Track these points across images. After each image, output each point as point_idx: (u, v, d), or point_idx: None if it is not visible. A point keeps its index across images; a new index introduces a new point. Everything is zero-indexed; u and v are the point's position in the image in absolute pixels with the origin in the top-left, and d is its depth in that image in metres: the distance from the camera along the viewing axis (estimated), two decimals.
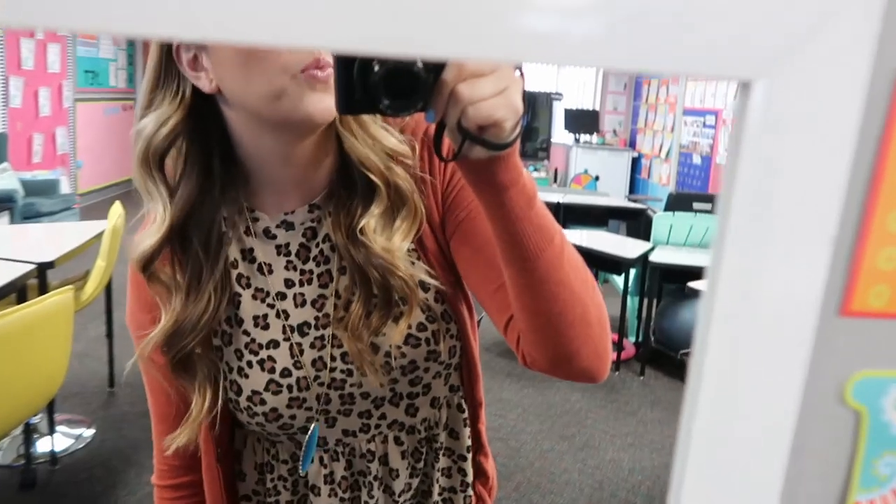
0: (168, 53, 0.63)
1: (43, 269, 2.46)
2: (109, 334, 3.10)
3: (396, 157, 0.67)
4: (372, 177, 0.65)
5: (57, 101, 7.10)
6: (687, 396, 0.32)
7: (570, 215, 5.26)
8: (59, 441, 2.58)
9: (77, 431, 2.68)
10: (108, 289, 3.02)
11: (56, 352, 1.93)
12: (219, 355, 0.74)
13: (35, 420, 2.62)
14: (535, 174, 8.33)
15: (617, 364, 3.95)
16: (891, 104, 0.29)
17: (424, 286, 0.71)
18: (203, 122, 0.65)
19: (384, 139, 0.66)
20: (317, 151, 0.66)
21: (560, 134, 8.86)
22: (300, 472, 0.77)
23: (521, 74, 0.52)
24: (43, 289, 2.29)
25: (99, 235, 2.86)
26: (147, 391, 0.81)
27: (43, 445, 2.47)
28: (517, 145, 0.53)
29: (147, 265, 0.67)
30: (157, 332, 0.70)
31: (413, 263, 0.70)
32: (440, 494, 0.84)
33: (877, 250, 0.31)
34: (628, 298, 4.08)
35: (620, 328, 4.02)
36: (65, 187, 6.72)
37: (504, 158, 0.52)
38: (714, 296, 0.30)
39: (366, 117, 0.65)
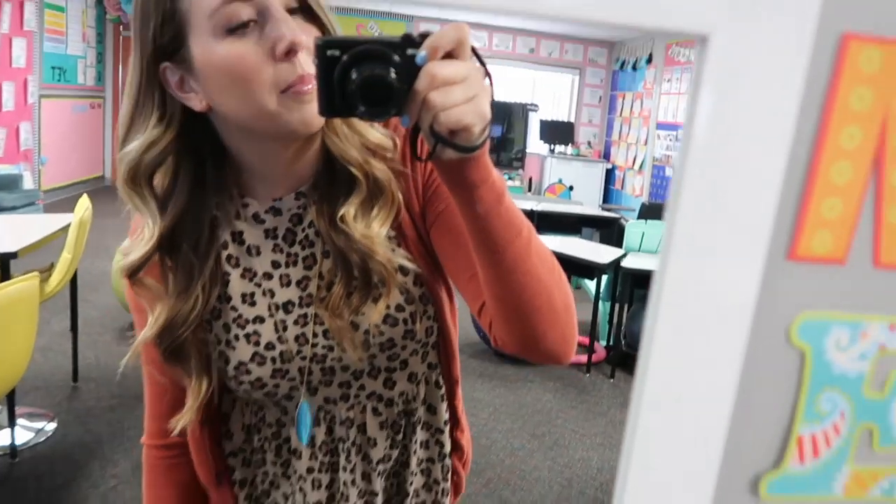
0: (148, 78, 0.65)
1: (5, 259, 2.41)
2: (74, 328, 3.04)
3: (377, 150, 0.71)
4: (352, 169, 0.69)
5: (21, 96, 6.95)
6: (644, 336, 0.35)
7: (545, 223, 5.32)
8: (19, 434, 2.52)
9: (38, 425, 2.63)
10: (74, 283, 2.97)
11: (19, 338, 1.90)
12: (208, 328, 0.77)
13: None
14: (510, 183, 8.41)
15: (588, 366, 4.00)
16: (835, 62, 0.32)
17: (403, 270, 0.75)
18: (194, 136, 0.68)
19: (367, 133, 0.70)
20: (303, 148, 0.70)
21: (535, 144, 8.96)
22: (302, 442, 0.80)
23: (490, 83, 0.55)
24: (5, 280, 2.24)
25: (65, 228, 2.82)
26: (142, 365, 0.83)
27: (2, 438, 2.42)
28: (486, 147, 0.56)
29: (133, 274, 0.70)
30: (149, 330, 0.72)
31: (393, 250, 0.74)
32: (419, 465, 0.88)
33: (821, 200, 0.34)
34: (600, 303, 4.15)
35: (592, 332, 4.07)
36: (28, 183, 6.57)
37: (474, 159, 0.56)
38: (671, 238, 0.33)
39: (349, 119, 0.69)
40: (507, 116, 8.59)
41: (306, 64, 0.62)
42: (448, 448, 0.90)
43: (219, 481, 0.84)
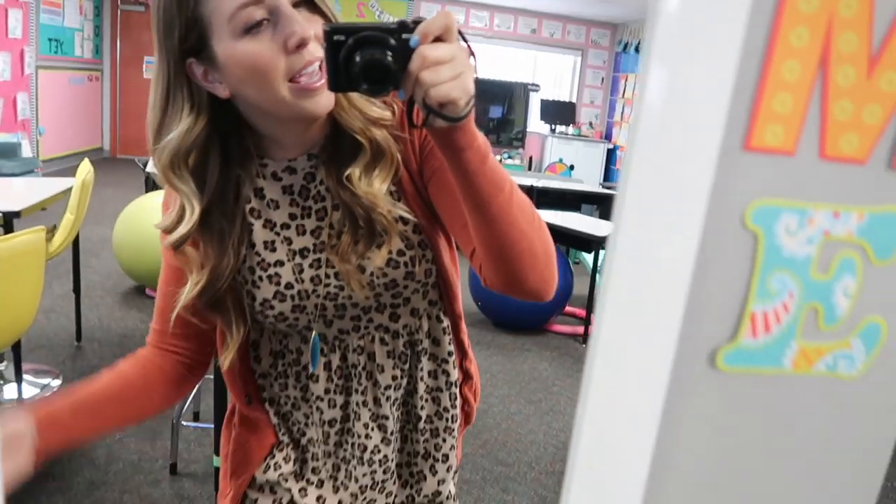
0: (176, 75, 0.74)
1: (9, 218, 2.44)
2: (77, 290, 3.10)
3: (378, 121, 0.81)
4: (356, 136, 0.79)
5: (18, 66, 6.92)
6: (612, 223, 0.39)
7: (544, 199, 5.35)
8: (26, 389, 2.59)
9: (44, 381, 2.69)
10: (76, 247, 3.01)
11: (26, 290, 1.94)
12: (236, 272, 0.87)
13: (0, 367, 2.62)
14: (510, 161, 8.42)
15: (584, 337, 4.07)
16: None
17: (403, 220, 0.85)
18: (220, 118, 0.78)
19: (367, 110, 0.80)
20: (313, 120, 0.80)
21: (536, 124, 8.94)
22: (311, 370, 0.91)
23: (475, 62, 0.64)
24: None
25: (66, 192, 2.85)
26: (159, 283, 0.92)
27: (9, 392, 2.47)
28: (472, 116, 0.66)
29: (178, 247, 0.80)
30: (192, 290, 0.82)
31: (394, 203, 0.84)
32: (428, 393, 0.98)
33: (773, 95, 0.38)
34: (597, 276, 4.20)
35: (589, 304, 4.13)
36: (27, 151, 6.58)
37: (461, 127, 0.65)
38: (636, 130, 0.37)
39: (351, 95, 0.79)
40: (508, 96, 8.56)
41: (315, 51, 0.71)
42: (454, 377, 0.99)
43: (248, 400, 0.95)
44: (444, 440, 1.02)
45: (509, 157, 8.56)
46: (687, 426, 0.42)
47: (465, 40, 0.64)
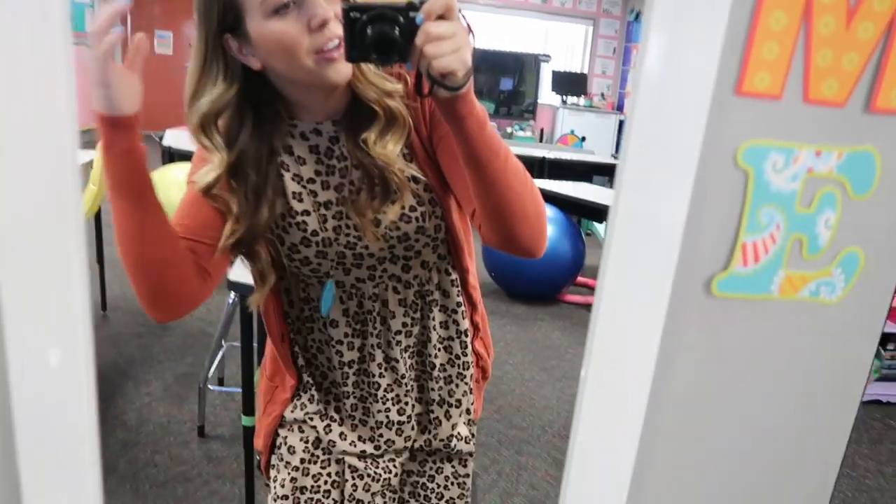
0: (213, 48, 0.83)
1: None
2: (100, 260, 3.18)
3: (392, 93, 0.89)
4: (373, 105, 0.88)
5: None
6: (617, 166, 0.43)
7: (555, 170, 5.35)
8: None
9: None
10: (98, 217, 3.09)
11: None
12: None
13: None
14: (521, 133, 8.38)
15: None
16: None
17: (415, 180, 0.92)
18: (253, 86, 0.86)
19: (382, 84, 0.88)
20: (335, 89, 0.88)
21: (547, 95, 8.87)
22: (322, 311, 1.00)
23: (473, 39, 0.72)
24: None
25: (87, 165, 2.92)
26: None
27: None
28: (471, 86, 0.73)
29: (207, 191, 0.87)
30: (228, 239, 0.89)
31: (407, 164, 0.92)
32: (440, 342, 1.05)
33: (762, 43, 0.42)
34: None
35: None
36: None
37: (461, 96, 0.72)
38: (639, 79, 0.41)
39: (367, 70, 0.87)
40: (519, 68, 8.48)
41: (335, 28, 0.79)
42: (464, 327, 1.06)
43: (283, 340, 1.05)
44: (458, 386, 1.08)
45: (520, 129, 8.54)
46: (685, 346, 0.48)
47: (465, 19, 0.72)
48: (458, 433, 1.10)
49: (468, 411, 1.11)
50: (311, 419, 1.07)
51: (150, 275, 0.83)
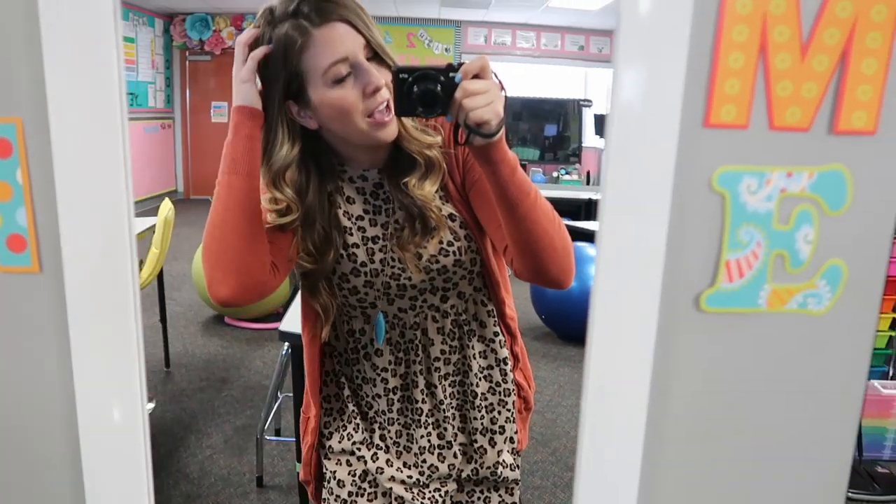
0: (279, 112, 0.93)
1: None
2: (163, 319, 3.34)
3: (431, 145, 0.99)
4: (414, 155, 0.98)
5: None
6: (600, 198, 0.48)
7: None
8: None
9: None
10: (160, 279, 3.26)
11: None
12: None
13: None
14: (567, 177, 8.43)
15: None
16: None
17: (452, 217, 1.03)
18: (310, 143, 0.98)
19: (422, 139, 0.99)
20: (380, 145, 0.99)
21: (591, 138, 8.91)
22: (377, 344, 1.09)
23: (505, 93, 0.82)
24: None
25: (149, 230, 3.11)
26: None
27: None
28: (503, 134, 0.83)
29: (282, 228, 0.97)
30: (300, 269, 1.02)
31: (444, 204, 1.02)
32: (480, 371, 1.12)
33: (724, 80, 0.47)
34: None
35: None
36: None
37: (494, 143, 0.82)
38: (611, 121, 0.47)
39: (409, 126, 0.98)
40: (562, 114, 8.57)
41: (384, 94, 0.91)
42: (502, 356, 1.13)
43: (327, 378, 1.13)
44: (500, 413, 1.14)
45: (566, 173, 8.59)
46: (680, 360, 0.51)
47: (498, 78, 0.83)
48: (504, 461, 1.14)
49: (512, 440, 1.15)
50: (359, 449, 1.12)
51: (238, 247, 0.91)
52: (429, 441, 1.12)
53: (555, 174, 8.51)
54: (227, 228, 0.91)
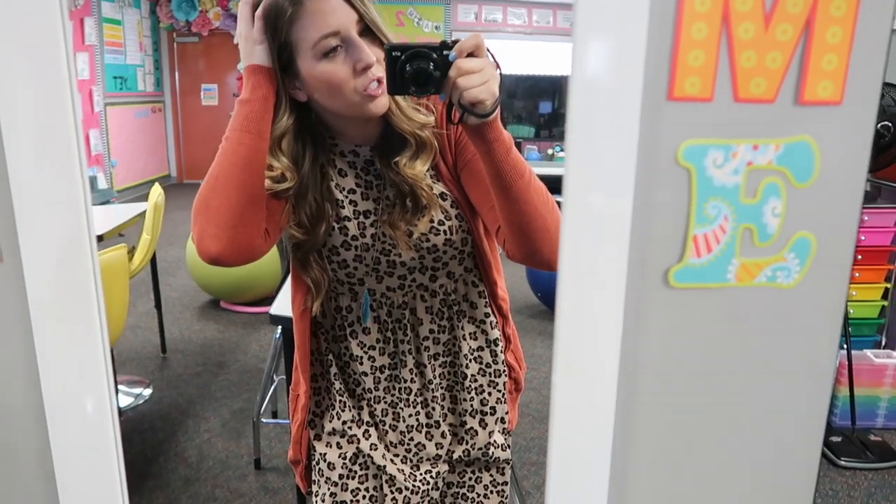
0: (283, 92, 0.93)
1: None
2: (158, 305, 3.34)
3: (423, 125, 0.98)
4: (405, 135, 0.97)
5: (88, 105, 7.40)
6: (564, 174, 0.48)
7: None
8: (121, 398, 2.83)
9: (136, 390, 2.93)
10: (154, 264, 3.25)
11: (113, 304, 2.15)
12: None
13: None
14: (563, 154, 8.37)
15: None
16: None
17: (443, 196, 1.02)
18: (303, 115, 0.98)
19: (415, 117, 0.98)
20: (370, 120, 0.98)
21: None
22: (363, 323, 1.09)
23: (500, 72, 0.81)
24: None
25: (141, 215, 3.09)
26: None
27: None
28: (498, 113, 0.81)
29: (276, 196, 0.97)
30: (291, 240, 1.02)
31: (435, 183, 1.02)
32: (471, 353, 1.12)
33: (686, 52, 0.46)
34: None
35: None
36: (102, 183, 7.06)
37: (489, 123, 0.82)
38: (572, 95, 0.46)
39: (402, 104, 0.97)
40: (557, 91, 8.52)
41: (376, 71, 0.89)
42: (493, 337, 1.12)
43: (315, 356, 1.13)
44: (490, 394, 1.14)
45: (562, 150, 8.56)
46: (650, 336, 0.51)
47: (493, 56, 0.81)
48: (495, 441, 1.15)
49: (503, 420, 1.16)
50: (350, 428, 1.13)
51: (238, 203, 0.90)
52: (417, 420, 1.12)
53: (550, 151, 8.48)
54: (231, 184, 0.89)
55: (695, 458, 0.53)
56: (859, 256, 2.79)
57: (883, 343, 2.98)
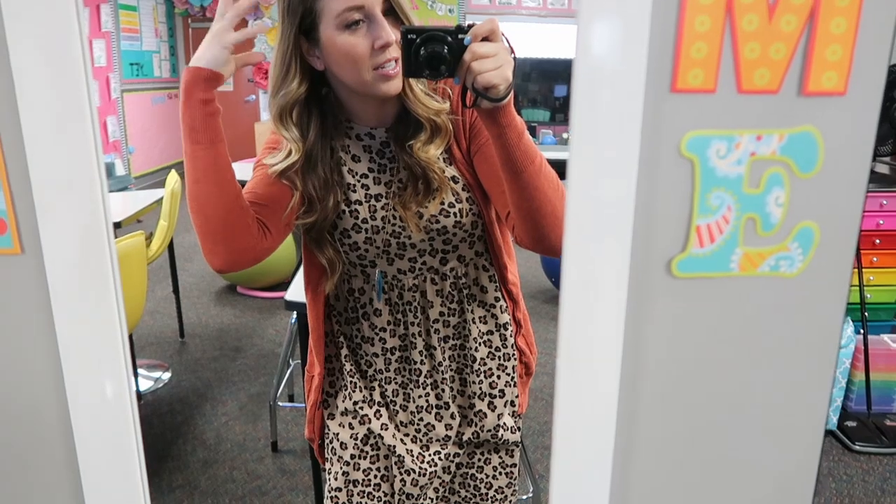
0: (294, 48, 0.93)
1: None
2: (176, 290, 3.39)
3: (438, 112, 0.99)
4: (420, 119, 0.98)
5: (105, 92, 7.46)
6: (568, 165, 0.48)
7: None
8: (141, 382, 2.88)
9: (156, 374, 2.98)
10: (171, 250, 3.29)
11: (132, 290, 2.19)
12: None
13: None
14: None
15: None
16: None
17: (454, 180, 1.03)
18: (317, 86, 0.98)
19: (429, 104, 0.98)
20: (386, 101, 0.99)
21: None
22: (375, 303, 1.10)
23: (514, 57, 0.81)
24: None
25: (158, 202, 3.12)
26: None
27: None
28: (511, 98, 0.82)
29: (282, 175, 0.99)
30: (301, 220, 1.02)
31: (447, 166, 1.02)
32: (480, 336, 1.13)
33: (690, 44, 0.46)
34: None
35: None
36: (120, 170, 7.13)
37: (502, 108, 0.82)
38: (577, 82, 0.46)
39: (416, 89, 0.97)
40: (572, 74, 8.42)
41: (393, 51, 0.90)
42: (503, 321, 1.13)
43: (329, 338, 1.15)
44: (499, 377, 1.14)
45: None
46: (654, 325, 0.52)
47: (507, 41, 0.83)
48: (505, 423, 1.16)
49: (513, 403, 1.17)
50: (361, 408, 1.15)
51: (215, 217, 0.91)
52: (426, 401, 1.14)
53: (565, 135, 8.42)
54: (201, 201, 0.90)
55: (697, 446, 0.54)
56: (877, 241, 2.76)
57: None
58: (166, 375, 3.04)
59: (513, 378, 1.16)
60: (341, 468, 1.15)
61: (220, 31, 0.86)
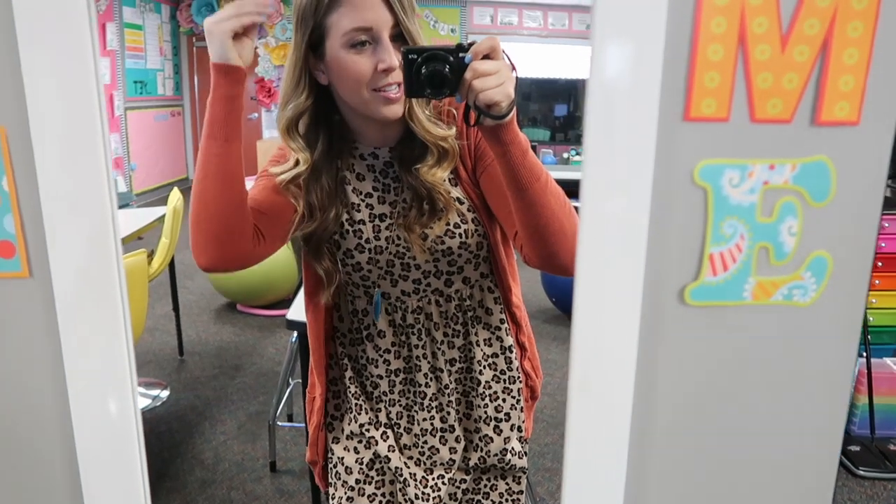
0: (304, 61, 0.94)
1: None
2: (176, 308, 3.38)
3: (444, 137, 0.99)
4: (427, 142, 0.98)
5: (109, 110, 7.52)
6: (580, 191, 0.48)
7: None
8: (139, 400, 2.86)
9: (154, 392, 2.96)
10: (172, 268, 3.29)
11: (134, 308, 2.18)
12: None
13: None
14: (578, 158, 8.38)
15: None
16: None
17: (459, 201, 1.02)
18: (325, 103, 0.99)
19: (433, 130, 0.98)
20: (389, 123, 0.99)
21: None
22: (374, 321, 1.10)
23: (516, 74, 0.81)
24: None
25: (160, 219, 3.13)
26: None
27: None
28: (514, 116, 0.82)
29: (287, 185, 0.99)
30: (299, 229, 1.01)
31: (453, 187, 1.02)
32: (485, 359, 1.13)
33: (703, 73, 0.46)
34: None
35: None
36: (122, 187, 7.17)
37: (505, 125, 0.82)
38: (590, 112, 0.46)
39: (420, 115, 0.97)
40: (572, 94, 8.48)
41: (396, 76, 0.90)
42: (507, 343, 1.12)
43: (332, 362, 1.14)
44: (504, 400, 1.14)
45: (577, 154, 8.53)
46: (666, 353, 0.51)
47: (509, 58, 0.82)
48: (512, 448, 1.15)
49: (519, 428, 1.16)
50: (367, 431, 1.14)
51: (216, 215, 0.89)
52: (431, 424, 1.13)
53: (565, 155, 8.46)
54: (206, 196, 0.89)
55: (710, 474, 0.54)
56: (879, 263, 2.76)
57: None
58: (164, 393, 3.02)
59: (518, 402, 1.15)
60: (345, 493, 1.13)
61: (214, 22, 0.83)
